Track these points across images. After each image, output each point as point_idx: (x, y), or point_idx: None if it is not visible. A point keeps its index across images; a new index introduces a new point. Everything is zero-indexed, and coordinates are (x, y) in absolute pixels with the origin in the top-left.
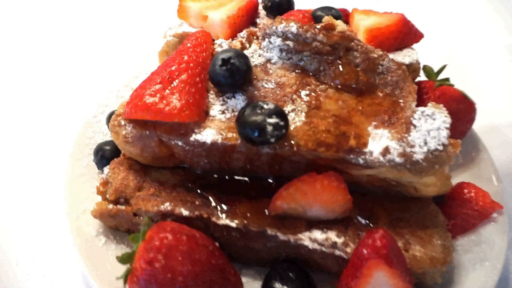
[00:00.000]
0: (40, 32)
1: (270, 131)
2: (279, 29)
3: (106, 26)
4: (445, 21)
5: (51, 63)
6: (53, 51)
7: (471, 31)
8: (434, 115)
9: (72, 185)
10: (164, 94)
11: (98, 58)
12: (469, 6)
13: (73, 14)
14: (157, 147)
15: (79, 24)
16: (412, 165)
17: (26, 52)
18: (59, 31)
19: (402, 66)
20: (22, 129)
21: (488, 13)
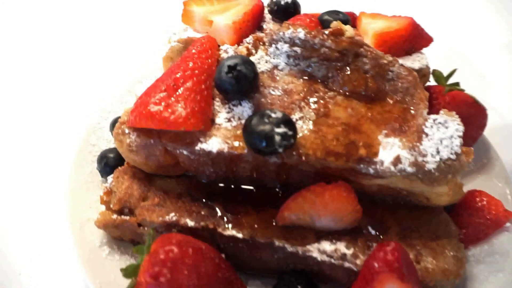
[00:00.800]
0: (43, 35)
1: (278, 141)
2: (287, 35)
3: (109, 30)
4: (450, 23)
5: (54, 68)
6: (56, 55)
7: (477, 32)
8: (447, 123)
9: (75, 193)
10: (169, 102)
11: (101, 63)
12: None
13: (77, 18)
14: (162, 156)
15: (82, 29)
16: (424, 174)
17: (29, 57)
18: (62, 34)
19: (413, 73)
20: (25, 135)
21: (494, 14)
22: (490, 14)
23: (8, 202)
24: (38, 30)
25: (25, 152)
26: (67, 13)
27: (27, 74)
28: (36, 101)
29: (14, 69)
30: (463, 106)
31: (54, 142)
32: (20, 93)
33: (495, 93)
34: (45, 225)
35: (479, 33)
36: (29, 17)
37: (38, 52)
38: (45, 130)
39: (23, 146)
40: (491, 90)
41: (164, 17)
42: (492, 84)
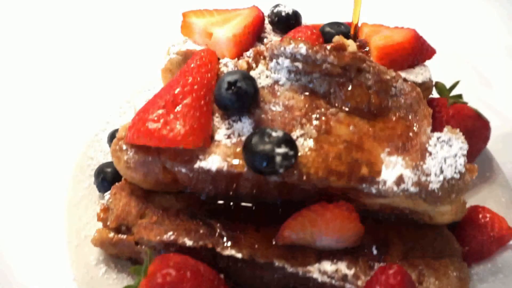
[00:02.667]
0: (41, 45)
1: (279, 162)
2: (288, 50)
3: (108, 39)
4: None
5: (52, 78)
6: (54, 65)
7: (480, 36)
8: (451, 141)
9: (72, 210)
10: (167, 119)
11: (100, 73)
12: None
13: (75, 27)
14: (160, 174)
15: (80, 38)
16: (428, 194)
17: (26, 63)
18: (60, 43)
19: (416, 89)
20: (22, 145)
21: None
22: (493, 17)
23: (4, 216)
24: (35, 37)
25: (23, 163)
26: (65, 22)
27: (25, 83)
28: (34, 111)
29: (12, 77)
30: (466, 120)
31: (52, 154)
32: (18, 102)
33: (498, 97)
34: (41, 241)
35: (481, 37)
36: (26, 22)
37: (35, 60)
38: (43, 141)
39: (20, 156)
40: (494, 95)
41: (164, 26)
42: (495, 89)
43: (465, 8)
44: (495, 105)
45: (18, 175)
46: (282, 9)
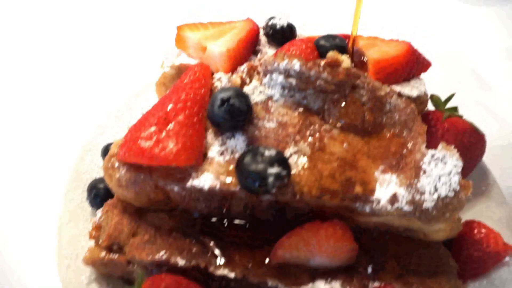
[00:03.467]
0: (37, 48)
1: (271, 182)
2: (281, 66)
3: (105, 42)
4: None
5: (48, 82)
6: (51, 69)
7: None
8: (445, 159)
9: (63, 227)
10: (160, 138)
11: (98, 76)
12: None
13: (73, 31)
14: (152, 192)
15: (77, 42)
16: (422, 213)
17: (21, 69)
18: (57, 47)
19: (411, 105)
20: (17, 150)
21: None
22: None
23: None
24: (31, 42)
25: (17, 169)
26: (64, 25)
27: (18, 90)
28: (27, 120)
29: (9, 81)
30: (462, 134)
31: (48, 159)
32: (10, 111)
33: (496, 106)
34: (31, 260)
35: (478, 39)
36: (22, 28)
37: (31, 64)
38: (38, 146)
39: (15, 161)
40: (492, 103)
41: (162, 28)
42: (494, 96)
43: (462, 12)
44: (493, 113)
45: (9, 189)
46: (277, 22)
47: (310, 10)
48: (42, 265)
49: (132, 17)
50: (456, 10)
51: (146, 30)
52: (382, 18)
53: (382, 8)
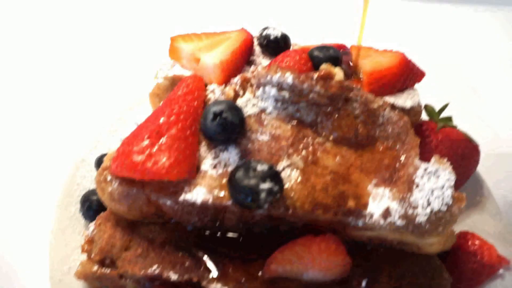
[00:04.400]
0: (31, 60)
1: (263, 197)
2: (274, 79)
3: (99, 54)
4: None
5: (42, 93)
6: (44, 80)
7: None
8: (438, 172)
9: (56, 240)
10: (152, 152)
11: (90, 89)
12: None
13: (65, 42)
14: (145, 206)
15: (70, 53)
16: (415, 227)
17: (16, 81)
18: (50, 58)
19: (404, 117)
20: (8, 165)
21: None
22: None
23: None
24: (22, 54)
25: (10, 182)
26: (55, 38)
27: (14, 98)
28: (23, 128)
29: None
30: (456, 144)
31: (43, 170)
32: (6, 119)
33: (489, 109)
34: (23, 273)
35: (472, 47)
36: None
37: (24, 76)
38: (31, 160)
39: (8, 174)
40: (485, 107)
41: (155, 41)
42: (486, 101)
43: (455, 21)
44: (487, 122)
45: (2, 201)
46: (271, 33)
47: (305, 17)
48: (34, 279)
49: (125, 29)
50: (449, 19)
51: (140, 42)
52: (376, 27)
53: (376, 17)
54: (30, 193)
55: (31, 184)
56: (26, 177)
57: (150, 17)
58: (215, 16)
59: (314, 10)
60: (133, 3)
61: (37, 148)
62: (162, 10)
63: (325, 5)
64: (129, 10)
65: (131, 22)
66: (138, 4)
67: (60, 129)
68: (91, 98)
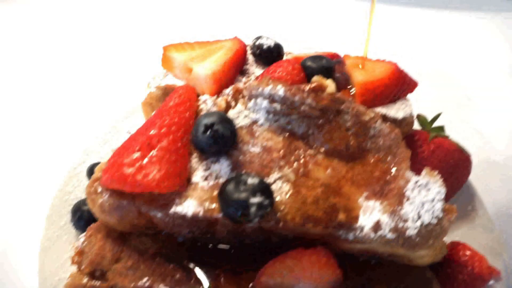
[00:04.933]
0: (23, 71)
1: (253, 211)
2: (266, 92)
3: (92, 63)
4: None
5: (35, 101)
6: (37, 89)
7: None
8: (428, 185)
9: (47, 252)
10: (142, 164)
11: (84, 98)
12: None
13: (58, 52)
14: (135, 218)
15: (63, 62)
16: (405, 241)
17: (8, 90)
18: (43, 67)
19: (395, 130)
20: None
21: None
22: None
23: None
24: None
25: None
26: (48, 47)
27: (6, 108)
28: (15, 136)
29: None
30: (448, 155)
31: (32, 185)
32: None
33: (481, 118)
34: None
35: (465, 56)
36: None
37: (16, 85)
38: (23, 169)
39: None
40: (476, 116)
41: (149, 50)
42: (478, 110)
43: (448, 30)
44: (478, 131)
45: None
46: (264, 42)
47: (298, 25)
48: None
49: (119, 39)
50: (442, 28)
51: (133, 50)
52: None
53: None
54: (21, 202)
55: (22, 192)
56: (18, 185)
57: (144, 26)
58: (208, 24)
59: (308, 18)
60: (128, 12)
61: (29, 156)
62: (156, 18)
63: (319, 13)
64: (123, 19)
65: (125, 31)
66: (132, 13)
67: (52, 137)
68: (85, 106)
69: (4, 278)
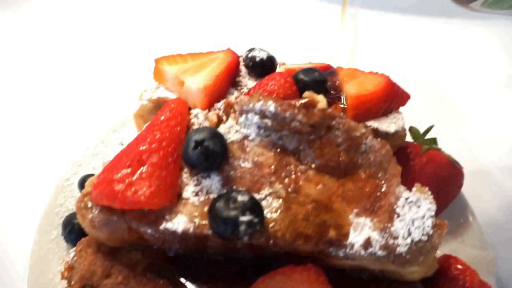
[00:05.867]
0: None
1: (243, 230)
2: (257, 107)
3: (83, 73)
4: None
5: (27, 111)
6: (26, 99)
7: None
8: (419, 202)
9: (36, 266)
10: (132, 180)
11: (77, 108)
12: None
13: (51, 63)
14: (126, 233)
15: (55, 73)
16: (396, 258)
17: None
18: (32, 77)
19: (386, 146)
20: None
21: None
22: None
23: None
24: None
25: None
26: (37, 56)
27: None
28: (3, 147)
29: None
30: (440, 168)
31: (22, 197)
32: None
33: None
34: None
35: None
36: None
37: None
38: (14, 179)
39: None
40: (469, 127)
41: (140, 63)
42: (471, 123)
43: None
44: (471, 143)
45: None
46: (257, 54)
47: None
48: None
49: (111, 48)
50: (435, 39)
51: (125, 62)
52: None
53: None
54: (11, 213)
55: (12, 204)
56: (8, 196)
57: (137, 37)
58: (202, 35)
59: (301, 28)
60: (119, 22)
61: (20, 166)
62: (149, 29)
63: (312, 23)
64: (115, 30)
65: (117, 42)
66: (125, 23)
67: (44, 147)
68: (77, 117)
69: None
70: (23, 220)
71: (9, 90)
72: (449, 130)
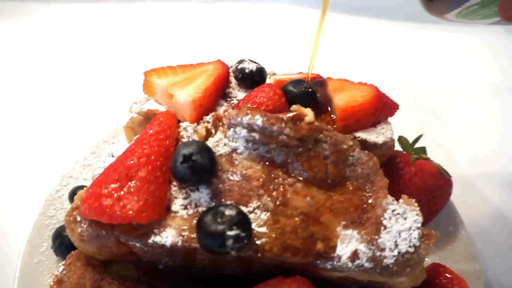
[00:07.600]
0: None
1: (230, 244)
2: (244, 121)
3: (73, 86)
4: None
5: (20, 122)
6: (20, 109)
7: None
8: (405, 214)
9: (26, 278)
10: (120, 195)
11: (65, 122)
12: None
13: (39, 75)
14: (115, 247)
15: (47, 85)
16: (383, 269)
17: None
18: (22, 90)
19: (373, 158)
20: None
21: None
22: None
23: None
24: None
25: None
26: (28, 70)
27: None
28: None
29: None
30: (429, 177)
31: (11, 212)
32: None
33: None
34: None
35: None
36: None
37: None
38: (5, 191)
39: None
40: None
41: (131, 74)
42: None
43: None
44: (459, 150)
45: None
46: (246, 66)
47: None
48: None
49: (102, 61)
50: (424, 48)
51: (115, 73)
52: (349, 57)
53: (348, 47)
54: (1, 224)
55: (3, 214)
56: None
57: (129, 49)
58: (193, 45)
59: (291, 37)
60: (111, 35)
61: (11, 179)
62: (140, 41)
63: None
64: (107, 42)
65: (108, 54)
66: (116, 36)
67: (35, 159)
68: (69, 127)
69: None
70: (13, 232)
71: (6, 98)
72: (437, 139)
